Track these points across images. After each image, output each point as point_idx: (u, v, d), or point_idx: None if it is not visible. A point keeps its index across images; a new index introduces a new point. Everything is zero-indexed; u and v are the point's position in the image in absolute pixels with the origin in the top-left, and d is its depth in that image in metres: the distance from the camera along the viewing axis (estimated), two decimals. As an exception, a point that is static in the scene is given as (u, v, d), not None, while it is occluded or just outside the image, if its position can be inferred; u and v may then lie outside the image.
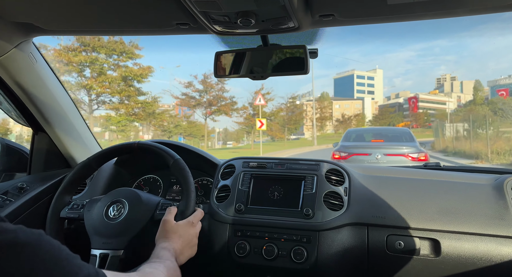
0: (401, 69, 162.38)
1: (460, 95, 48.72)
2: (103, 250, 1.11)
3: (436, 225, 1.19)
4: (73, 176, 1.29)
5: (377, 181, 1.39)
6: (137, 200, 1.18)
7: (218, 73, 1.24)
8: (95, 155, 1.30)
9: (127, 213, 1.15)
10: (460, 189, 1.32)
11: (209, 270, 1.41)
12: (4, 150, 1.61)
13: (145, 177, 1.65)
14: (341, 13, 0.96)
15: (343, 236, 1.24)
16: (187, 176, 1.18)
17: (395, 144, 7.29)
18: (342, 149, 7.51)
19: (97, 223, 1.16)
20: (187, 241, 1.05)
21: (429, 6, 0.92)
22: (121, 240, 1.11)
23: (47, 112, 1.46)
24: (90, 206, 1.23)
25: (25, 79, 1.33)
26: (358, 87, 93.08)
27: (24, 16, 1.08)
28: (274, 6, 0.89)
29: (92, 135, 1.73)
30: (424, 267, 1.20)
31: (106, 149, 1.32)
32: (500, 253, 1.14)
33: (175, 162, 1.21)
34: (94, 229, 1.16)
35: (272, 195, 1.35)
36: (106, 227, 1.14)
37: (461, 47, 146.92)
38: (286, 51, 1.20)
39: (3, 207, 1.32)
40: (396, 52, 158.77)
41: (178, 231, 1.04)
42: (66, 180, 1.29)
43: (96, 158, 1.30)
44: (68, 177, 1.29)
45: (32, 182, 1.46)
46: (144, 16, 1.04)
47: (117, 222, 1.14)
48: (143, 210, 1.16)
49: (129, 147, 1.29)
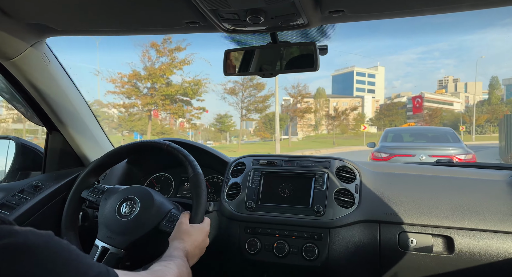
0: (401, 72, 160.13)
1: (469, 96, 46.77)
2: (105, 244, 1.12)
3: (449, 222, 1.18)
4: (101, 160, 1.30)
5: (389, 178, 1.38)
6: (150, 202, 1.18)
7: (228, 71, 1.24)
8: (127, 145, 1.32)
9: (137, 213, 1.15)
10: (473, 185, 1.30)
11: (219, 267, 1.42)
12: (19, 149, 1.65)
13: (157, 175, 1.67)
14: (351, 9, 0.96)
15: (355, 234, 1.23)
16: (201, 194, 1.16)
17: (439, 145, 6.90)
18: (382, 149, 7.05)
19: (109, 215, 1.17)
20: (198, 242, 1.07)
21: (441, 0, 0.91)
22: (123, 240, 1.12)
23: (61, 112, 1.49)
24: (108, 194, 1.23)
25: (38, 79, 1.36)
26: (358, 85, 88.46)
27: (38, 17, 1.10)
28: (284, 3, 0.89)
29: (105, 134, 1.75)
30: (437, 264, 1.19)
31: (138, 142, 1.32)
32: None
33: (195, 176, 1.19)
34: (104, 220, 1.17)
35: (283, 192, 1.35)
36: (115, 222, 1.15)
37: (462, 51, 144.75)
38: (296, 48, 1.20)
39: (19, 205, 1.35)
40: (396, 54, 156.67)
41: (191, 233, 1.06)
42: (94, 163, 1.30)
43: (128, 147, 1.31)
44: (97, 160, 1.30)
45: (47, 180, 1.49)
46: (155, 15, 1.05)
47: (126, 220, 1.15)
48: (152, 215, 1.15)
49: (159, 146, 1.29)
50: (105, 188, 1.27)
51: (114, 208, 1.18)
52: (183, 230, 1.06)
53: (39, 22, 1.13)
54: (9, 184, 1.48)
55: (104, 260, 1.10)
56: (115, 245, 1.12)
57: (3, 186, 1.45)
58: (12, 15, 1.07)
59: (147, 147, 1.32)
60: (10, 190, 1.41)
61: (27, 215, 1.34)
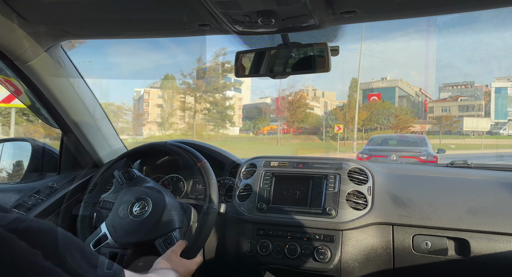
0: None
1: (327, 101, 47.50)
2: (108, 234, 1.16)
3: (465, 225, 1.15)
4: (102, 172, 1.35)
5: (402, 179, 1.36)
6: (161, 204, 1.19)
7: (239, 73, 1.24)
8: (123, 154, 1.36)
9: (147, 215, 1.17)
10: (489, 187, 1.27)
11: (229, 271, 1.42)
12: (35, 151, 1.68)
13: (170, 176, 1.68)
14: (363, 9, 0.95)
15: (368, 236, 1.22)
16: (211, 182, 1.19)
17: (408, 148, 8.78)
18: (364, 151, 9.32)
19: (122, 212, 1.20)
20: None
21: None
22: (126, 239, 1.15)
23: (75, 114, 1.51)
24: (126, 190, 1.28)
25: (54, 82, 1.38)
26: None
27: (55, 22, 1.13)
28: (295, 4, 0.89)
29: (118, 137, 1.77)
30: (452, 267, 1.16)
31: (135, 148, 1.35)
32: None
33: (202, 166, 1.21)
34: (116, 212, 1.20)
35: (294, 194, 1.34)
36: (124, 219, 1.19)
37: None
38: (307, 49, 1.19)
39: (35, 206, 1.38)
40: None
41: (178, 266, 1.06)
42: (93, 182, 1.35)
43: (130, 153, 1.37)
44: (98, 177, 1.35)
45: (62, 181, 1.52)
46: (168, 18, 1.06)
47: (134, 220, 1.17)
48: (157, 226, 1.16)
49: (156, 148, 1.31)
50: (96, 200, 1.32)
51: (127, 205, 1.21)
52: (171, 258, 1.06)
53: (55, 26, 1.15)
54: (25, 185, 1.52)
55: (100, 247, 1.14)
56: (115, 238, 1.15)
57: (20, 187, 1.49)
58: (30, 20, 1.09)
59: (144, 151, 1.34)
60: (27, 191, 1.45)
61: (43, 215, 1.36)
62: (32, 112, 1.66)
